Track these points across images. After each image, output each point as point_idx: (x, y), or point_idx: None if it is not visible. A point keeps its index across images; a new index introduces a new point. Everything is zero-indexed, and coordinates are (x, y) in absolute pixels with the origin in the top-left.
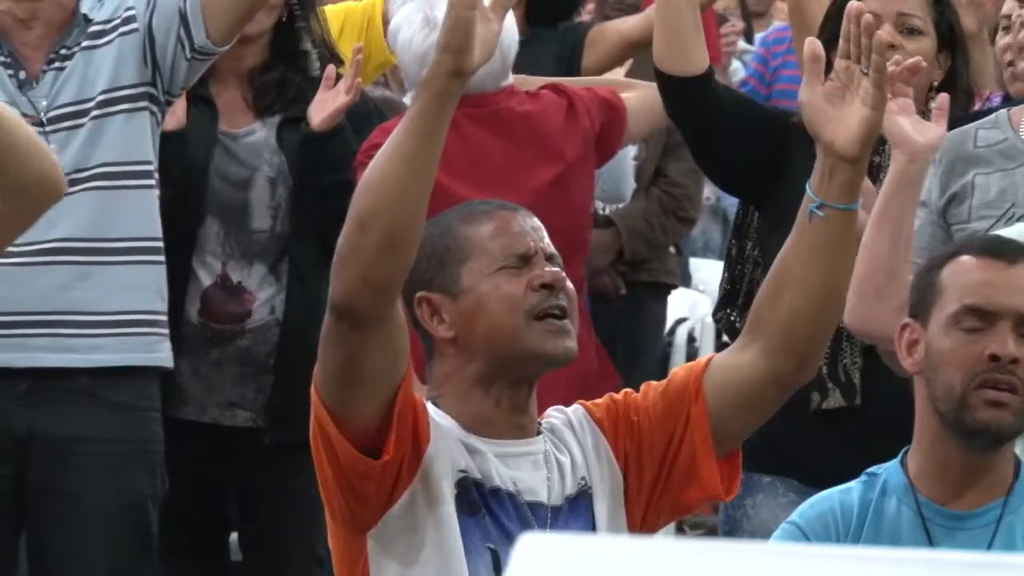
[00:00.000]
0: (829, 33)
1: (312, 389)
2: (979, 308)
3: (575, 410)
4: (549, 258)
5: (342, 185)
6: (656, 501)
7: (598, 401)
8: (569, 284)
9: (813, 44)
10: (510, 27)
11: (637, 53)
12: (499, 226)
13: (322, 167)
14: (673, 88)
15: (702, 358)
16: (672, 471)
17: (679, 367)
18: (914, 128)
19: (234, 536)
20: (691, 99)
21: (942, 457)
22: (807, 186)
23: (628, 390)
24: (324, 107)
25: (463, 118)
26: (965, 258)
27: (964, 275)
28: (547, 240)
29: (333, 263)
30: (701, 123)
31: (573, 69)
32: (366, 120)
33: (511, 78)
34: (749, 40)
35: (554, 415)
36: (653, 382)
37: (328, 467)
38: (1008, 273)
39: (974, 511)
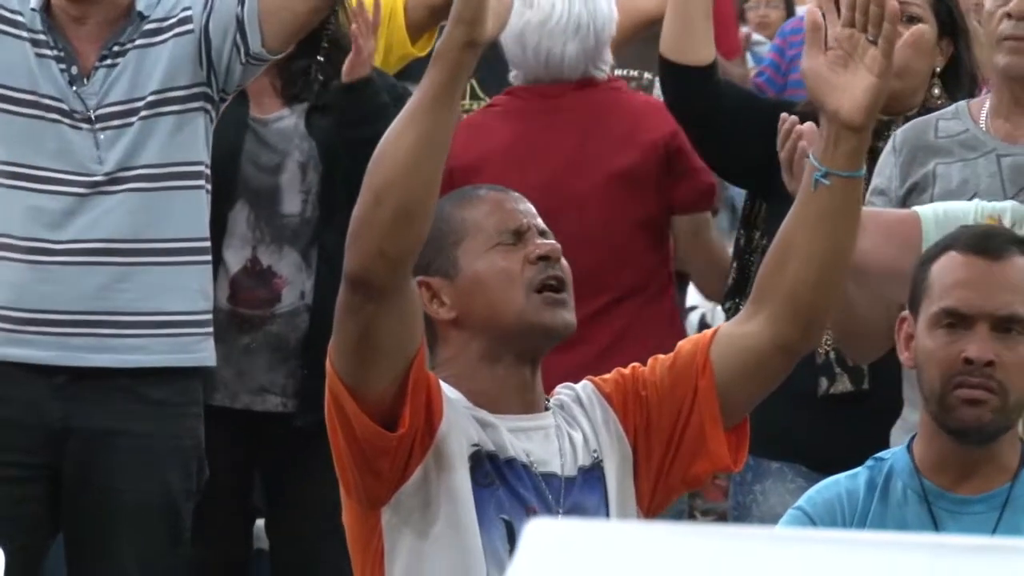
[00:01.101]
0: None
1: (327, 363)
2: (956, 311)
3: (584, 386)
4: (542, 234)
5: (377, 139)
6: (665, 475)
7: (606, 376)
8: (564, 260)
9: (813, 14)
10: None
11: (654, 30)
12: (491, 206)
13: (356, 117)
14: (675, 76)
15: (708, 330)
16: (681, 444)
17: (686, 340)
18: None
19: (259, 523)
20: (691, 90)
21: (940, 449)
22: (810, 155)
23: (636, 364)
24: (352, 63)
25: (529, 111)
26: (952, 254)
27: (948, 274)
28: (539, 219)
29: (348, 235)
30: (699, 116)
31: None
32: (399, 101)
33: (608, 63)
34: None
35: (563, 392)
36: (660, 356)
37: (343, 442)
38: (992, 270)
39: (979, 496)
